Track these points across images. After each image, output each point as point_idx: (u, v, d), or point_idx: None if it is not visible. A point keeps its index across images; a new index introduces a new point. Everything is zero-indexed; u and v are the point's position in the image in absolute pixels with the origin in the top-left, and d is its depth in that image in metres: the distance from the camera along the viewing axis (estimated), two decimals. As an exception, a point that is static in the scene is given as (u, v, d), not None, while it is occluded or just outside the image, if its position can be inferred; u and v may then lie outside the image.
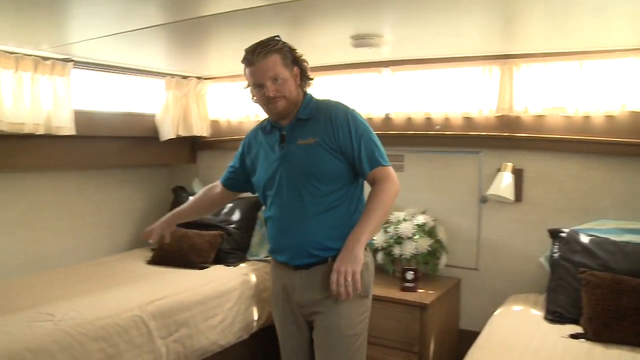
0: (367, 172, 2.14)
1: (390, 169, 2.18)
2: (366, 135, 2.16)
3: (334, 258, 2.08)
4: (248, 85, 2.20)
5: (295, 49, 2.19)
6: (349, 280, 1.98)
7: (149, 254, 4.11)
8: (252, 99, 2.24)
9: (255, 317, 3.63)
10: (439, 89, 3.53)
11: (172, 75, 4.23)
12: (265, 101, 2.13)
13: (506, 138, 3.39)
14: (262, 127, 2.35)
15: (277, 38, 2.15)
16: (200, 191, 2.66)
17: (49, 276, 3.54)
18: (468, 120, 3.51)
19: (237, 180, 2.51)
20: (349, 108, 2.22)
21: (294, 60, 2.17)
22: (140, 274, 3.68)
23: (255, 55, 2.08)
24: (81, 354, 2.66)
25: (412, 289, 3.27)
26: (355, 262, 2.00)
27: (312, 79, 2.27)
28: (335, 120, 2.15)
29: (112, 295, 3.15)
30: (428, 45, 3.22)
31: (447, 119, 3.57)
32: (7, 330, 2.58)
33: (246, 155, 2.40)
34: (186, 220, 2.71)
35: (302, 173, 2.14)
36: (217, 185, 2.58)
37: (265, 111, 2.21)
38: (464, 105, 3.47)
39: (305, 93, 2.26)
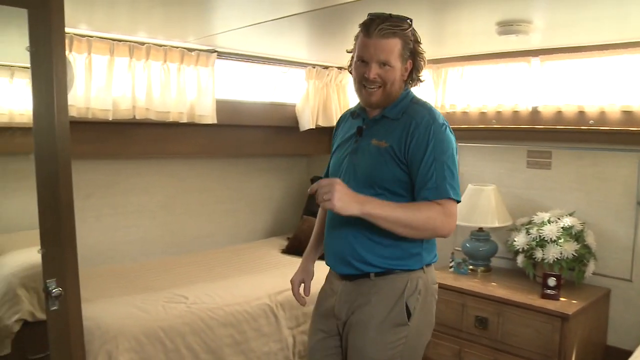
0: (426, 198, 1.84)
1: (455, 207, 1.88)
2: (443, 158, 1.87)
3: (377, 274, 1.94)
4: (352, 52, 2.00)
5: (420, 42, 1.97)
6: (321, 196, 1.76)
7: (284, 243, 4.22)
8: (348, 68, 2.04)
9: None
10: (595, 80, 3.22)
11: (313, 66, 4.28)
12: (361, 80, 1.93)
13: (673, 135, 3.02)
14: (352, 112, 2.15)
15: (409, 21, 1.92)
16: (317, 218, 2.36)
17: (187, 259, 3.76)
18: (627, 114, 3.17)
19: None
20: (437, 120, 1.91)
21: (412, 53, 1.95)
22: (274, 262, 3.78)
23: (376, 28, 1.86)
24: (210, 338, 2.78)
25: (554, 297, 3.04)
26: (339, 203, 1.75)
27: (422, 80, 2.04)
28: (414, 129, 1.88)
29: (244, 283, 3.27)
30: (584, 31, 2.94)
31: (602, 113, 3.25)
32: (144, 308, 2.77)
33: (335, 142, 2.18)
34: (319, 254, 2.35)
35: (363, 174, 1.94)
36: None
37: (355, 89, 2.00)
38: (623, 98, 3.14)
39: (406, 89, 2.02)
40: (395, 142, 1.90)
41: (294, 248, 4.03)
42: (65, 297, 2.04)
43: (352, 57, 1.99)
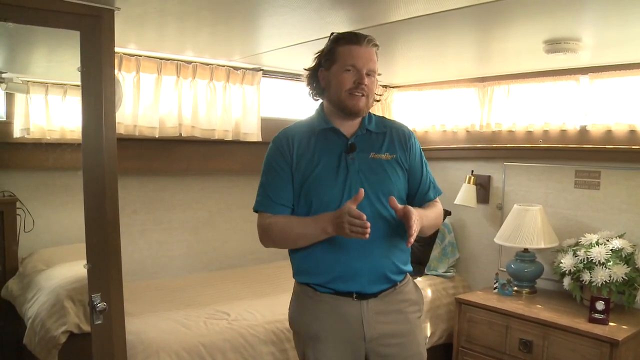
0: (432, 199, 2.11)
1: None
2: (427, 162, 2.15)
3: (401, 281, 2.06)
4: (325, 66, 2.00)
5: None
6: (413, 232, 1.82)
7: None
8: (310, 87, 2.11)
9: (428, 332, 3.53)
10: (646, 99, 3.13)
11: (357, 83, 4.28)
12: (352, 87, 1.92)
13: None
14: (308, 129, 2.04)
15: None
16: (278, 221, 2.03)
17: (229, 276, 3.78)
18: (681, 134, 3.07)
19: (289, 202, 2.03)
20: (409, 129, 2.16)
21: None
22: (314, 279, 3.76)
23: (363, 39, 1.93)
24: (251, 355, 2.79)
25: (602, 321, 2.94)
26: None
27: (377, 100, 2.17)
28: (408, 140, 2.07)
29: (285, 300, 3.24)
30: (634, 48, 2.86)
31: (655, 132, 3.16)
32: (186, 324, 2.80)
33: (292, 165, 2.00)
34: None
35: (378, 189, 1.96)
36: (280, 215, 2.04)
37: (339, 97, 1.94)
38: (676, 117, 3.04)
39: None
40: (398, 152, 2.04)
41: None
42: (110, 311, 2.09)
43: (319, 75, 2.03)
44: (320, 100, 2.13)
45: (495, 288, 3.55)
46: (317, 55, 2.08)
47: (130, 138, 3.16)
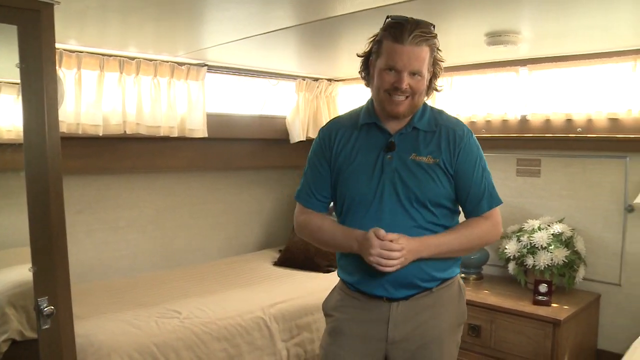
0: (485, 210, 1.89)
1: (499, 210, 1.93)
2: (487, 168, 1.93)
3: (438, 286, 1.92)
4: (374, 57, 1.86)
5: (440, 49, 1.88)
6: (392, 267, 1.73)
7: (276, 255, 4.21)
8: (361, 74, 1.96)
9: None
10: (581, 88, 3.29)
11: (303, 78, 4.30)
12: (389, 89, 1.80)
13: (659, 141, 3.07)
14: (352, 123, 1.97)
15: (432, 26, 1.82)
16: (316, 222, 2.01)
17: (178, 274, 3.74)
18: (614, 121, 3.23)
19: (329, 198, 2.02)
20: (469, 129, 1.93)
21: (434, 61, 1.86)
22: (266, 275, 3.77)
23: (409, 35, 1.74)
24: (204, 353, 2.77)
25: (545, 303, 3.07)
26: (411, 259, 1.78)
27: (438, 90, 1.95)
28: (459, 142, 1.87)
29: (236, 296, 3.26)
30: (570, 41, 2.99)
31: (589, 121, 3.31)
32: (137, 324, 2.75)
33: (332, 158, 1.97)
34: None
35: (413, 193, 1.83)
36: (313, 214, 2.03)
37: (379, 98, 1.85)
38: (609, 105, 3.20)
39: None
40: (444, 155, 1.86)
41: (286, 260, 4.02)
42: (57, 315, 2.03)
43: (375, 65, 1.85)
44: None
45: (443, 275, 3.63)
46: (370, 39, 1.90)
47: (73, 136, 3.08)
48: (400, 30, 1.75)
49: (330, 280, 3.53)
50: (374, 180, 1.87)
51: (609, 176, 3.31)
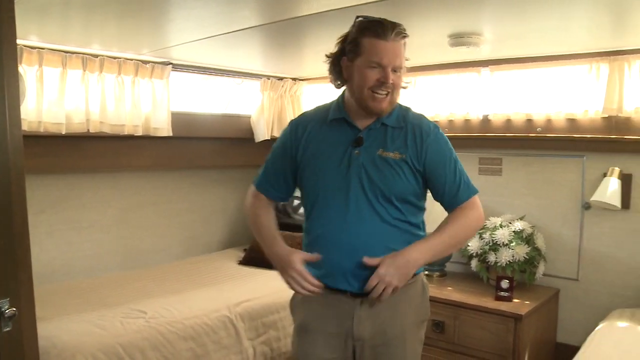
0: (464, 200, 1.93)
1: (478, 197, 1.97)
2: (458, 160, 1.96)
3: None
4: (349, 56, 1.86)
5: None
6: (388, 294, 1.79)
7: (241, 254, 4.21)
8: (331, 75, 1.95)
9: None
10: (541, 89, 3.38)
11: (268, 77, 4.31)
12: (375, 85, 1.81)
13: (613, 141, 3.18)
14: (322, 118, 1.99)
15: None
16: (258, 212, 2.09)
17: (143, 274, 3.70)
18: (572, 121, 3.33)
19: (283, 189, 2.09)
20: (436, 125, 1.97)
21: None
22: (231, 274, 3.77)
23: (392, 31, 1.78)
24: (170, 352, 2.75)
25: (507, 299, 3.14)
26: (403, 279, 1.81)
27: (406, 87, 1.97)
28: (425, 138, 1.90)
29: (202, 295, 3.25)
30: (530, 43, 3.07)
31: (549, 121, 3.40)
32: (102, 325, 2.72)
33: (298, 152, 1.99)
34: None
35: (379, 189, 1.85)
36: (263, 200, 2.10)
37: (360, 97, 1.85)
38: (567, 106, 3.30)
39: None
40: (410, 152, 1.88)
41: (251, 259, 4.02)
42: (20, 317, 1.98)
43: (342, 63, 1.88)
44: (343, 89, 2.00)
45: (408, 273, 3.67)
46: (339, 40, 1.92)
47: (35, 135, 3.01)
48: (383, 28, 1.79)
49: (296, 279, 3.57)
50: (340, 174, 1.88)
51: (567, 174, 3.41)
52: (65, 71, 3.08)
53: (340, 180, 1.88)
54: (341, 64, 1.91)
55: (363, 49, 1.82)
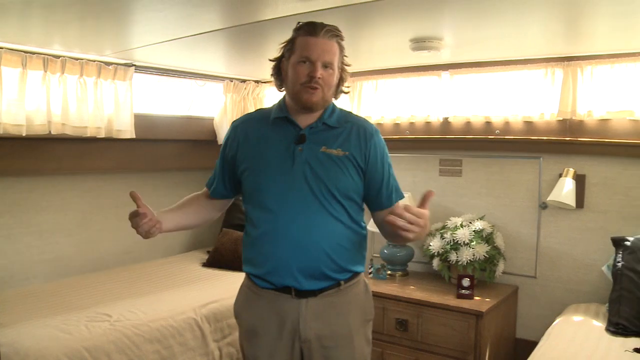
0: (393, 202, 2.00)
1: None
2: (390, 163, 2.05)
3: (347, 281, 1.97)
4: (286, 56, 1.93)
5: (346, 55, 1.99)
6: (409, 230, 1.73)
7: (204, 257, 4.20)
8: (274, 77, 2.02)
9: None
10: (499, 93, 3.47)
11: (231, 79, 4.31)
12: (305, 80, 1.86)
13: (568, 143, 3.30)
14: (264, 117, 2.03)
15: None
16: (188, 196, 2.30)
17: (107, 277, 3.66)
18: (528, 124, 3.44)
19: (227, 187, 2.14)
20: (376, 127, 2.05)
21: (342, 65, 1.97)
22: (196, 276, 3.76)
23: (321, 30, 1.86)
24: (136, 355, 2.74)
25: (468, 296, 3.21)
26: (420, 236, 1.81)
27: (346, 92, 2.07)
28: (369, 139, 1.97)
29: (167, 297, 3.24)
30: (488, 48, 3.16)
31: (507, 123, 3.51)
32: (66, 329, 2.68)
33: (237, 152, 2.02)
34: (173, 225, 2.22)
35: (324, 184, 1.89)
36: (203, 192, 2.27)
37: (293, 91, 1.91)
38: (524, 109, 3.39)
39: None
40: (354, 150, 1.94)
41: (215, 261, 4.02)
42: (-20, 322, 1.97)
43: (290, 61, 1.91)
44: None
45: (370, 273, 3.71)
46: (282, 45, 1.97)
47: (-6, 136, 2.96)
48: (314, 26, 1.88)
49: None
50: (284, 171, 1.91)
51: (525, 175, 3.52)
52: (26, 72, 3.02)
53: (285, 176, 1.91)
54: (281, 67, 1.99)
55: (296, 47, 1.90)
